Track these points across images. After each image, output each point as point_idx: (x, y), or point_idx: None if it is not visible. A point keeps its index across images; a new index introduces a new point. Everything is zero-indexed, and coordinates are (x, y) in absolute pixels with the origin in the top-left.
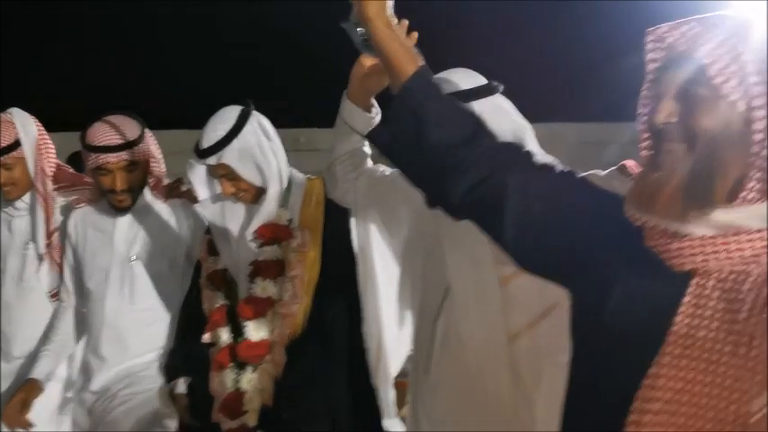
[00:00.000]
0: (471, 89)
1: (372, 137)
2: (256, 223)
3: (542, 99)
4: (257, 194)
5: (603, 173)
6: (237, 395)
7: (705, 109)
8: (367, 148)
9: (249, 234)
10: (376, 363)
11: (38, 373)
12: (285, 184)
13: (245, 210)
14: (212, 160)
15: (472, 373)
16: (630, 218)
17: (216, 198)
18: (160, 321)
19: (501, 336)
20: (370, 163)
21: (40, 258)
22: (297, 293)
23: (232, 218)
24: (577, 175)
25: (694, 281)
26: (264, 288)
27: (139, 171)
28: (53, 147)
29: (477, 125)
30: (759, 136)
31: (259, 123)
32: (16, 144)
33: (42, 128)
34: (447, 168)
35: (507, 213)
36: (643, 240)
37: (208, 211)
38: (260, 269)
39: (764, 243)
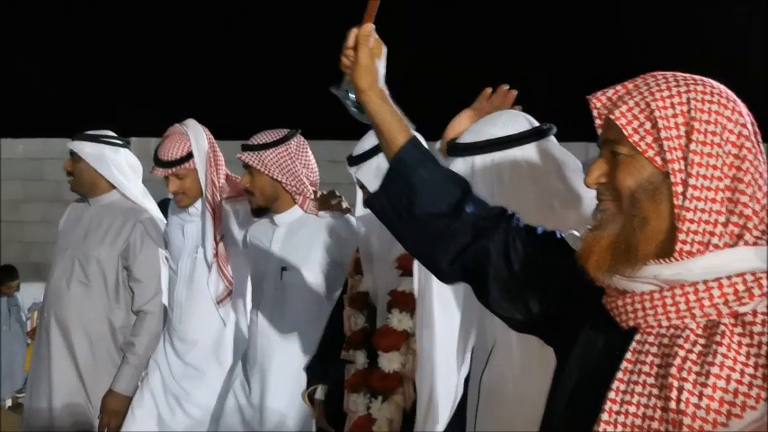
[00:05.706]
0: (512, 135)
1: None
2: (398, 250)
3: None
4: None
5: (579, 233)
6: (369, 420)
7: (625, 167)
8: None
9: (391, 260)
10: (425, 413)
11: None
12: None
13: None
14: (353, 170)
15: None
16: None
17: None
18: (310, 333)
19: (544, 394)
20: None
21: (209, 266)
22: None
23: (378, 238)
24: (558, 235)
25: (636, 337)
26: (401, 321)
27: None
28: (222, 158)
29: (464, 193)
30: (679, 188)
31: None
32: (188, 156)
33: (213, 139)
34: (435, 237)
35: (490, 278)
36: (602, 298)
37: (362, 224)
38: (397, 301)
39: (698, 296)
